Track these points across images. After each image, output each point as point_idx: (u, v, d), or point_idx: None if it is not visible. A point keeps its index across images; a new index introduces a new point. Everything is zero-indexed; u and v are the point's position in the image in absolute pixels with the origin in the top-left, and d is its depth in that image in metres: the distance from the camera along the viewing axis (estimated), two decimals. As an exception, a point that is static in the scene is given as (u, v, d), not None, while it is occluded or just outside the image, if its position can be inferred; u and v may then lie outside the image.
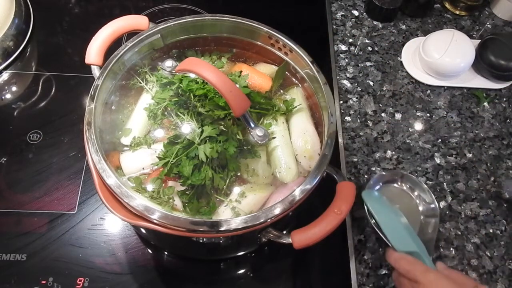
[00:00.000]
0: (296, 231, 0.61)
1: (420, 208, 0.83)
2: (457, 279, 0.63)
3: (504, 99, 1.02)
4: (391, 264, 0.67)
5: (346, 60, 1.05)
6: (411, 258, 0.66)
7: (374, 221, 0.75)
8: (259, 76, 0.78)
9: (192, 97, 0.70)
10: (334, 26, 1.10)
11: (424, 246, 0.71)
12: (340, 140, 0.93)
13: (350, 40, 1.08)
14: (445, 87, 1.03)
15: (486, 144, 0.95)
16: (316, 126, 0.76)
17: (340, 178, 0.67)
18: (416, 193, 0.84)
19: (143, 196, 0.66)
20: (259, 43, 0.80)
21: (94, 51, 0.72)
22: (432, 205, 0.81)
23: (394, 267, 0.67)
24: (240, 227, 0.59)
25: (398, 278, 0.67)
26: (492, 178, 0.91)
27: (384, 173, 0.86)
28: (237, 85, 0.71)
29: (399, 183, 0.85)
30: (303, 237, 0.60)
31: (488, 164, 0.93)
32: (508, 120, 0.99)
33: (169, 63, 0.74)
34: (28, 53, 1.01)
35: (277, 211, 0.61)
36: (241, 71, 0.76)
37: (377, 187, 0.84)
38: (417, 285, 0.62)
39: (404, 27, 1.11)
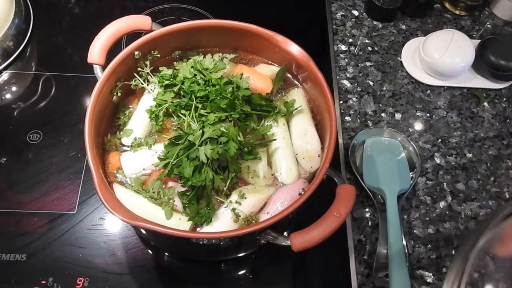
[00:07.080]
0: (295, 233, 0.61)
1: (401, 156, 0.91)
2: None
3: (504, 99, 1.02)
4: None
5: (346, 60, 1.05)
6: None
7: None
8: (260, 78, 0.78)
9: (194, 98, 0.70)
10: (334, 26, 1.10)
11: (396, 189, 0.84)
12: (340, 140, 0.93)
13: (350, 40, 1.08)
14: (445, 87, 1.03)
15: (486, 144, 0.95)
16: (316, 127, 0.76)
17: (340, 180, 0.67)
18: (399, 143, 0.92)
19: (143, 196, 0.66)
20: (259, 44, 0.80)
21: (96, 51, 0.72)
22: (414, 160, 0.90)
23: None
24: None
25: None
26: (492, 178, 0.91)
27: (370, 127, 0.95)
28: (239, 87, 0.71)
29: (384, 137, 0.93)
30: (302, 240, 0.60)
31: (488, 164, 0.93)
32: (508, 120, 0.99)
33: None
34: (28, 53, 1.01)
35: (276, 213, 0.60)
36: (242, 74, 0.76)
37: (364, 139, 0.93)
38: None
39: (404, 27, 1.11)
